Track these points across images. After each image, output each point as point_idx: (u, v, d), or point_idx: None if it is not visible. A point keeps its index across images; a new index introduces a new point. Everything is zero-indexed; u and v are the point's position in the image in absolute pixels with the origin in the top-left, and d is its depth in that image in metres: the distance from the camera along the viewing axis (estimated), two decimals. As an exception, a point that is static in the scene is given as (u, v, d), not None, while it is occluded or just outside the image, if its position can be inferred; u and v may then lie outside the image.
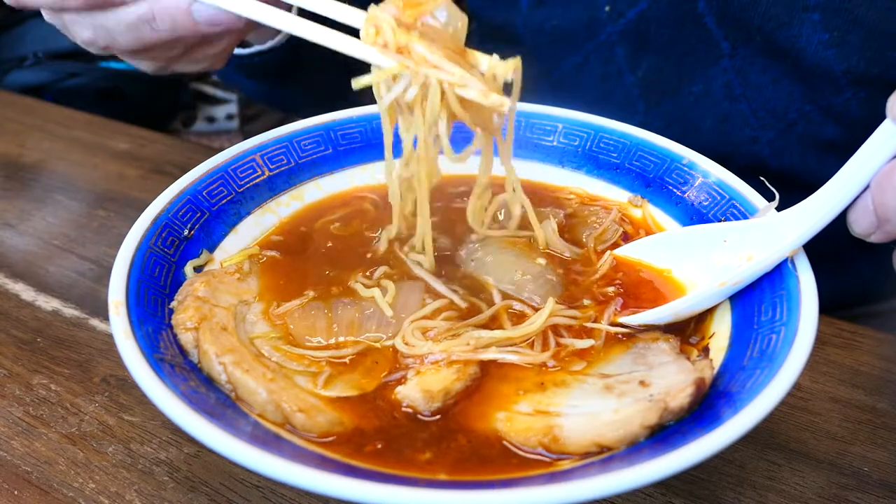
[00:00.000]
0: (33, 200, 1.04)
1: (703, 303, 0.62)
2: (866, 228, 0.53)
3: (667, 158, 0.76)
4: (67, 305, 0.83)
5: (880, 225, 0.51)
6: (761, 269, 0.59)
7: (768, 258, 0.58)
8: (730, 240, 0.63)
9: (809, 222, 0.57)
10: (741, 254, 0.62)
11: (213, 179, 0.71)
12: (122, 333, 0.53)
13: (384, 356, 0.59)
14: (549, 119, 0.82)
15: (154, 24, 0.63)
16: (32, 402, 0.70)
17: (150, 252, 0.62)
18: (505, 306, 0.64)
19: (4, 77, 1.94)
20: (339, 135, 0.81)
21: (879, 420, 0.69)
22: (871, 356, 0.76)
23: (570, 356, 0.59)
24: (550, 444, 0.51)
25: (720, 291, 0.61)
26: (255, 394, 0.53)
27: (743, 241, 0.62)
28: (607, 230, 0.73)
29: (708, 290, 0.61)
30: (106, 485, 0.62)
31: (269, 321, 0.63)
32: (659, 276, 0.68)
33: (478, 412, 0.55)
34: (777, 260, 0.58)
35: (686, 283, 0.66)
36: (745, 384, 0.51)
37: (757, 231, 0.61)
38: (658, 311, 0.62)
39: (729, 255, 0.63)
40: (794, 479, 0.63)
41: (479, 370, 0.57)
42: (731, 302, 0.62)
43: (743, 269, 0.60)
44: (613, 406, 0.52)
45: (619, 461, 0.48)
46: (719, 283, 0.60)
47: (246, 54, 0.96)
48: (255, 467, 0.44)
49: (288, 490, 0.62)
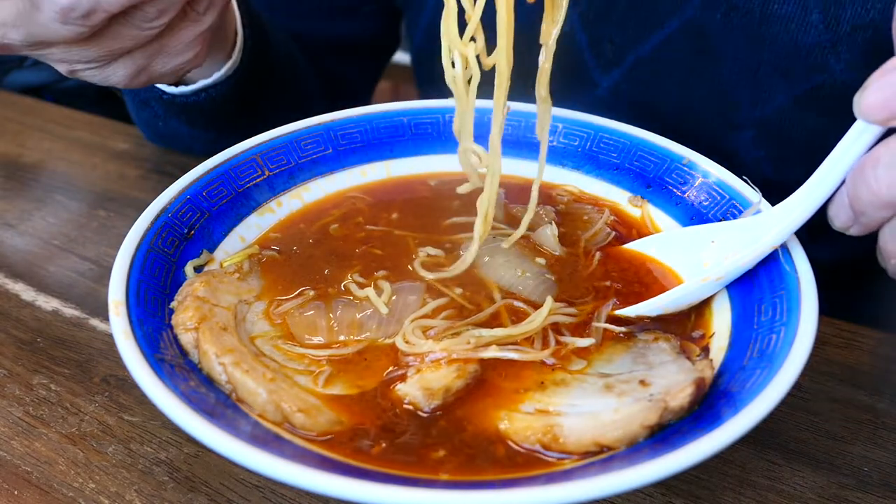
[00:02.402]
0: (33, 200, 1.04)
1: (688, 297, 0.63)
2: (844, 222, 0.54)
3: (667, 158, 0.76)
4: (67, 305, 0.83)
5: (856, 218, 0.53)
6: (744, 264, 0.61)
7: (750, 254, 0.60)
8: (717, 240, 0.65)
9: (789, 219, 0.59)
10: (727, 254, 0.63)
11: (213, 179, 0.71)
12: (122, 333, 0.53)
13: (385, 355, 0.59)
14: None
15: None
16: (32, 402, 0.70)
17: (150, 252, 0.62)
18: (505, 305, 0.64)
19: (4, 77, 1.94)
20: (339, 135, 0.81)
21: (879, 420, 0.69)
22: (871, 356, 0.76)
23: (570, 354, 0.59)
24: (550, 443, 0.51)
25: (703, 286, 0.62)
26: (255, 394, 0.53)
27: (728, 242, 0.64)
28: (600, 231, 0.74)
29: (692, 286, 0.63)
30: (106, 485, 0.62)
31: (269, 320, 0.63)
32: (659, 267, 0.69)
33: (478, 411, 0.55)
34: (759, 256, 0.60)
35: (681, 276, 0.67)
36: (745, 384, 0.51)
37: (741, 230, 0.63)
38: (645, 305, 0.63)
39: (716, 254, 0.64)
40: (794, 479, 0.63)
41: (480, 368, 0.57)
42: (731, 302, 0.62)
43: (725, 265, 0.61)
44: (613, 405, 0.52)
45: (619, 461, 0.48)
46: (702, 278, 0.62)
47: (189, 92, 0.88)
48: (255, 467, 0.44)
49: (288, 490, 0.62)
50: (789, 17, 0.86)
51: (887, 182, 0.48)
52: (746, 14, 0.88)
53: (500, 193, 0.79)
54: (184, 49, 0.67)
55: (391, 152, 0.83)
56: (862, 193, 0.50)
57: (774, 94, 0.92)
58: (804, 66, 0.88)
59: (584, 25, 0.97)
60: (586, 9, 0.96)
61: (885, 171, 0.48)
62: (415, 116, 0.84)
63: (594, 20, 0.97)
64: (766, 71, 0.91)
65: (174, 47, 0.66)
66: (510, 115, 0.83)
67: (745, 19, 0.89)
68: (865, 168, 0.50)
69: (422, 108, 0.84)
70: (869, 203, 0.50)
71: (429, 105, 0.85)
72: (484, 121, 0.83)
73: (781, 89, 0.91)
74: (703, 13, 0.90)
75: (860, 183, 0.50)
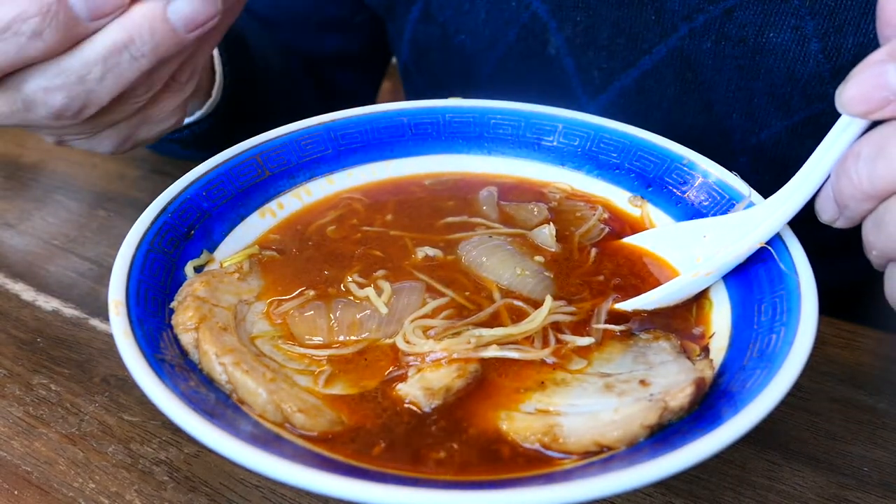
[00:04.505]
0: (33, 200, 1.04)
1: (681, 291, 0.64)
2: (831, 216, 0.55)
3: (667, 158, 0.76)
4: (67, 305, 0.83)
5: (841, 211, 0.54)
6: (734, 258, 0.61)
7: (740, 248, 0.61)
8: (710, 235, 0.66)
9: (778, 213, 0.60)
10: (718, 248, 0.64)
11: (213, 179, 0.71)
12: (122, 333, 0.53)
13: (385, 354, 0.59)
14: (549, 119, 0.82)
15: (133, 48, 0.56)
16: (32, 402, 0.71)
17: (150, 252, 0.62)
18: (505, 304, 0.64)
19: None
20: (339, 135, 0.81)
21: (879, 420, 0.69)
22: (871, 356, 0.76)
23: (570, 353, 0.59)
24: (550, 443, 0.51)
25: (695, 281, 0.63)
26: (256, 394, 0.53)
27: (720, 236, 0.65)
28: (594, 227, 0.74)
29: (683, 280, 0.63)
30: (106, 485, 0.62)
31: (269, 320, 0.63)
32: (654, 261, 0.70)
33: (478, 411, 0.55)
34: (750, 250, 0.61)
35: (678, 270, 0.68)
36: (745, 384, 0.51)
37: (733, 225, 0.64)
38: (640, 300, 0.64)
39: (708, 249, 0.65)
40: (794, 479, 0.63)
41: (481, 368, 0.57)
42: (731, 302, 0.62)
43: (715, 260, 0.62)
44: (614, 405, 0.52)
45: (619, 461, 0.48)
46: (693, 273, 0.63)
47: None
48: (255, 467, 0.44)
49: (288, 490, 0.62)
50: (786, 46, 0.85)
51: (868, 174, 0.49)
52: (739, 43, 0.87)
53: (494, 192, 0.79)
54: (167, 116, 0.68)
55: (391, 152, 0.83)
56: (844, 186, 0.51)
57: (770, 121, 0.91)
58: (802, 95, 0.87)
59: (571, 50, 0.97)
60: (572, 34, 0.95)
61: (865, 164, 0.49)
62: (415, 116, 0.84)
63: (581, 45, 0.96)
64: (760, 101, 0.90)
65: (157, 116, 0.68)
66: (510, 114, 0.83)
67: (737, 49, 0.87)
68: (847, 161, 0.51)
69: (422, 108, 0.84)
70: (851, 196, 0.51)
71: (429, 105, 0.85)
72: (485, 120, 0.84)
73: (777, 117, 0.90)
74: (690, 42, 0.89)
75: (843, 176, 0.51)
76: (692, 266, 0.66)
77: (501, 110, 0.84)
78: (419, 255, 0.70)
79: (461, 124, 0.84)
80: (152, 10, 0.55)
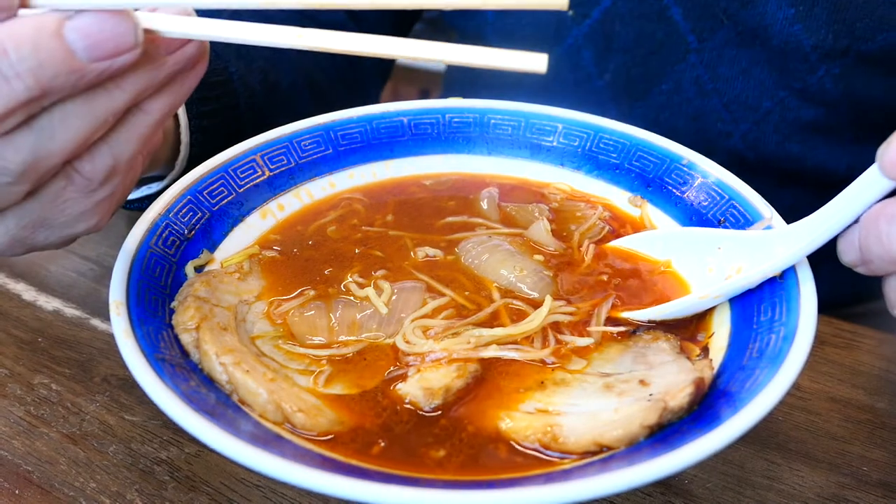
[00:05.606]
0: (34, 200, 1.04)
1: (686, 311, 0.63)
2: (852, 261, 0.54)
3: (667, 158, 0.76)
4: (68, 305, 0.83)
5: (863, 262, 0.53)
6: (743, 285, 0.60)
7: (752, 276, 0.59)
8: (724, 247, 0.64)
9: (797, 247, 0.57)
10: (732, 264, 0.63)
11: (213, 179, 0.71)
12: (123, 333, 0.53)
13: (385, 354, 0.60)
14: (549, 119, 0.82)
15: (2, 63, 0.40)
16: (33, 401, 0.71)
17: (150, 252, 0.62)
18: (505, 304, 0.64)
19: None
20: (339, 135, 0.81)
21: (879, 420, 0.69)
22: (870, 356, 0.76)
23: (570, 353, 0.59)
24: (550, 442, 0.51)
25: (702, 302, 0.62)
26: (256, 394, 0.53)
27: (735, 252, 0.63)
28: (594, 226, 0.74)
29: (691, 300, 0.62)
30: (107, 484, 0.63)
31: (269, 320, 0.63)
32: (656, 267, 0.69)
33: (478, 410, 0.55)
34: (761, 279, 0.59)
35: (683, 276, 0.67)
36: (744, 384, 0.51)
37: (749, 244, 0.62)
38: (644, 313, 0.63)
39: (721, 262, 0.64)
40: (794, 479, 0.63)
41: (480, 368, 0.57)
42: (730, 302, 0.62)
43: (727, 284, 0.60)
44: (613, 405, 0.52)
45: (619, 461, 0.48)
46: (700, 295, 0.62)
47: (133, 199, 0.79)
48: (255, 467, 0.44)
49: (288, 490, 0.62)
50: None
51: None
52: None
53: (495, 192, 0.79)
54: (74, 221, 0.52)
55: (391, 152, 0.83)
56: (872, 245, 0.51)
57: None
58: None
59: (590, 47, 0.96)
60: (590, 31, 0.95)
61: None
62: (415, 116, 0.84)
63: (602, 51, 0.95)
64: None
65: (57, 220, 0.51)
66: (510, 114, 0.83)
67: None
68: (880, 221, 0.50)
69: (422, 108, 0.84)
70: (878, 256, 0.50)
71: (429, 105, 0.85)
72: (485, 120, 0.84)
73: None
74: None
75: (872, 234, 0.50)
76: (703, 274, 0.65)
77: (501, 110, 0.84)
78: (419, 255, 0.70)
79: (461, 124, 0.84)
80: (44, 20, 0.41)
